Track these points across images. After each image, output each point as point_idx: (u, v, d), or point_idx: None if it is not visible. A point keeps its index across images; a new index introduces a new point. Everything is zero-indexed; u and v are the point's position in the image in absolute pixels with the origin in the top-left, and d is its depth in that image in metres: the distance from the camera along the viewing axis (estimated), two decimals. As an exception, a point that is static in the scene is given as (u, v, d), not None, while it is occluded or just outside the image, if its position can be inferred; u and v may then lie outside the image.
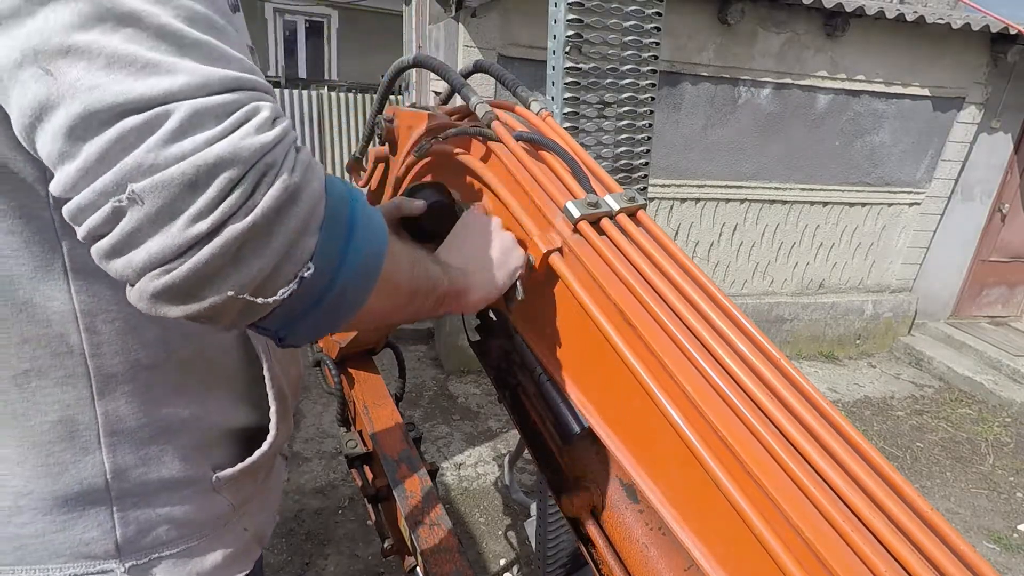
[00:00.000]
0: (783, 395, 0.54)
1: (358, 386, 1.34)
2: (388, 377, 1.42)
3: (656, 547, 0.64)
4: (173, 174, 0.33)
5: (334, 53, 10.78)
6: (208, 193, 0.34)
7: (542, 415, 0.80)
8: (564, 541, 1.87)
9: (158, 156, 0.33)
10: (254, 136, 0.35)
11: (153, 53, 0.34)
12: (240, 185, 0.35)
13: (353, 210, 0.43)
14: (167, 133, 0.33)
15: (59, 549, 0.52)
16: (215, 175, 0.34)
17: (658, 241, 0.66)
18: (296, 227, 0.38)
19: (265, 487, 0.69)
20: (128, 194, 0.33)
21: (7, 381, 0.48)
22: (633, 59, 1.38)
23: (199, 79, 0.34)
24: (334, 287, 0.42)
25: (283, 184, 0.37)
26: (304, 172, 0.39)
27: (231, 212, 0.35)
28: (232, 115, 0.35)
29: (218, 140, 0.34)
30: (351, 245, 0.42)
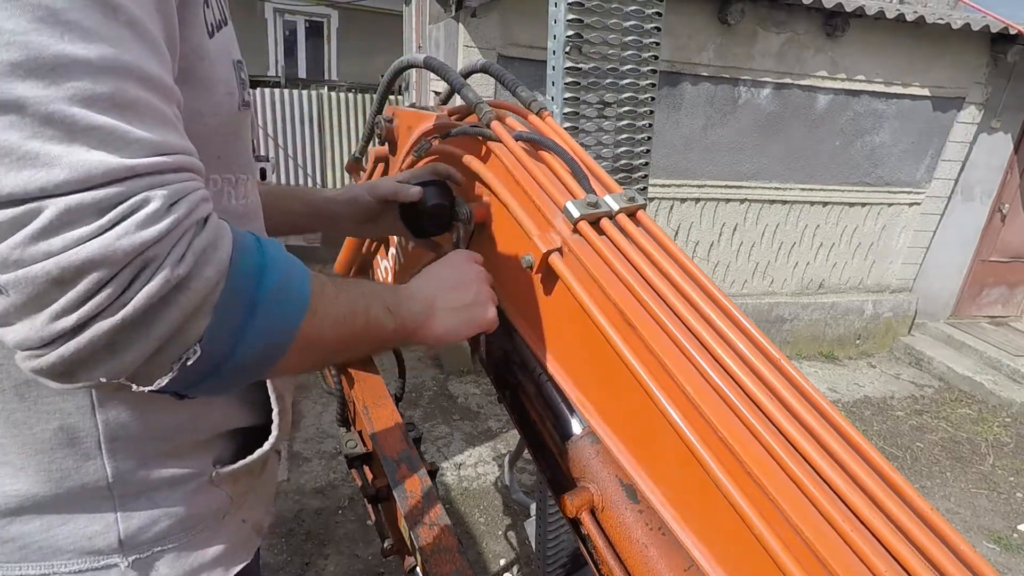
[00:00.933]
0: (783, 395, 0.54)
1: (358, 386, 1.34)
2: (388, 377, 1.42)
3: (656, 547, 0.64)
4: (37, 272, 0.32)
5: (334, 53, 10.77)
6: (73, 292, 0.33)
7: (542, 415, 0.80)
8: (564, 541, 1.87)
9: (23, 253, 0.32)
10: (133, 234, 0.34)
11: (34, 142, 0.32)
12: (110, 285, 0.34)
13: (260, 286, 0.42)
14: (35, 231, 0.32)
15: (63, 546, 0.53)
16: (82, 275, 0.33)
17: (658, 241, 0.66)
18: (179, 316, 0.37)
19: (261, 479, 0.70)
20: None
21: (9, 391, 0.48)
22: (633, 59, 1.38)
23: (80, 172, 0.33)
24: (229, 362, 0.41)
25: (163, 279, 0.36)
26: (196, 260, 0.37)
27: (98, 310, 0.34)
28: (113, 210, 0.34)
29: (92, 238, 0.33)
30: (252, 325, 0.41)
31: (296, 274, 0.45)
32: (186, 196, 0.38)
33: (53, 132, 0.32)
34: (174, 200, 0.37)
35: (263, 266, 0.42)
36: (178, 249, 0.37)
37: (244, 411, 0.63)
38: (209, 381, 0.42)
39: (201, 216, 0.39)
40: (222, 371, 0.41)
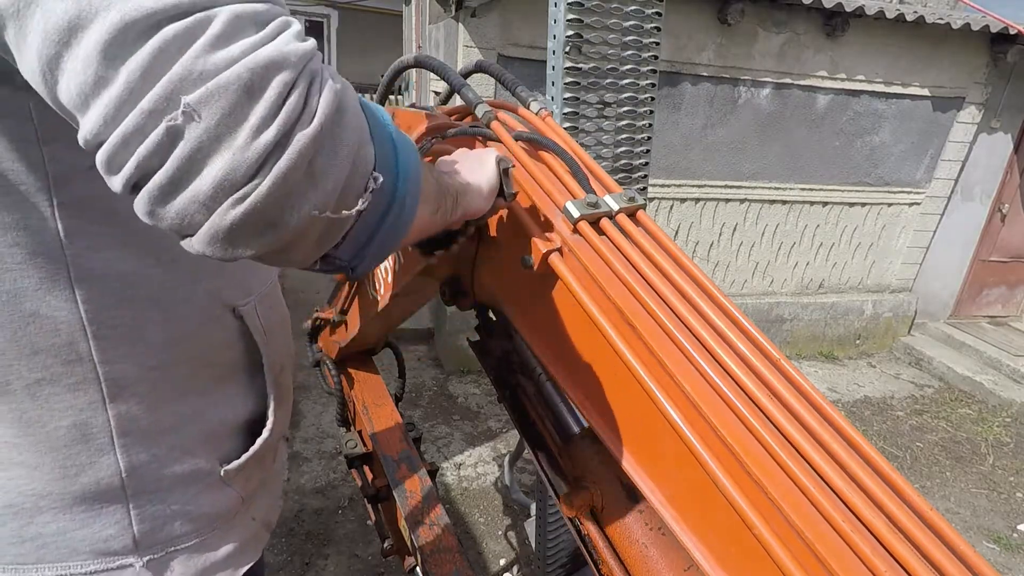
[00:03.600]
0: (783, 395, 0.54)
1: (358, 386, 1.34)
2: (388, 377, 1.42)
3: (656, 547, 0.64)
4: (229, 78, 0.30)
5: (334, 53, 10.77)
6: (267, 97, 0.32)
7: (542, 415, 0.80)
8: (564, 541, 1.87)
9: (207, 62, 0.30)
10: (295, 43, 0.34)
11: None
12: (295, 90, 0.33)
13: (388, 120, 0.42)
14: (212, 38, 0.31)
15: (79, 547, 0.53)
16: (270, 78, 0.32)
17: (658, 241, 0.66)
18: (354, 136, 0.36)
19: (273, 472, 0.72)
20: (183, 108, 0.30)
21: (21, 391, 0.48)
22: (633, 59, 1.38)
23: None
24: (395, 197, 0.41)
25: (331, 91, 0.35)
26: (342, 82, 0.37)
27: (294, 118, 0.33)
28: (270, 24, 0.34)
29: (263, 45, 0.32)
30: (399, 153, 0.41)
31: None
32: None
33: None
34: (303, 30, 0.36)
35: (377, 108, 0.43)
36: (326, 69, 0.36)
37: (247, 401, 0.64)
38: (378, 234, 0.41)
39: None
40: (395, 204, 0.41)
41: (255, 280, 0.64)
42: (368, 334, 1.28)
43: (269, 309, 0.67)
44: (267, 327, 0.65)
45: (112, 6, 0.29)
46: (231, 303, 0.60)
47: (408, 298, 1.04)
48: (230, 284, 0.60)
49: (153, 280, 0.52)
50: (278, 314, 0.70)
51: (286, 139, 0.32)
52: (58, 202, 0.45)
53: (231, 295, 0.60)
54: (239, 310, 0.61)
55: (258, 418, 0.66)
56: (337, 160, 0.35)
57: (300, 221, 0.34)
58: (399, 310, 1.14)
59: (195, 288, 0.56)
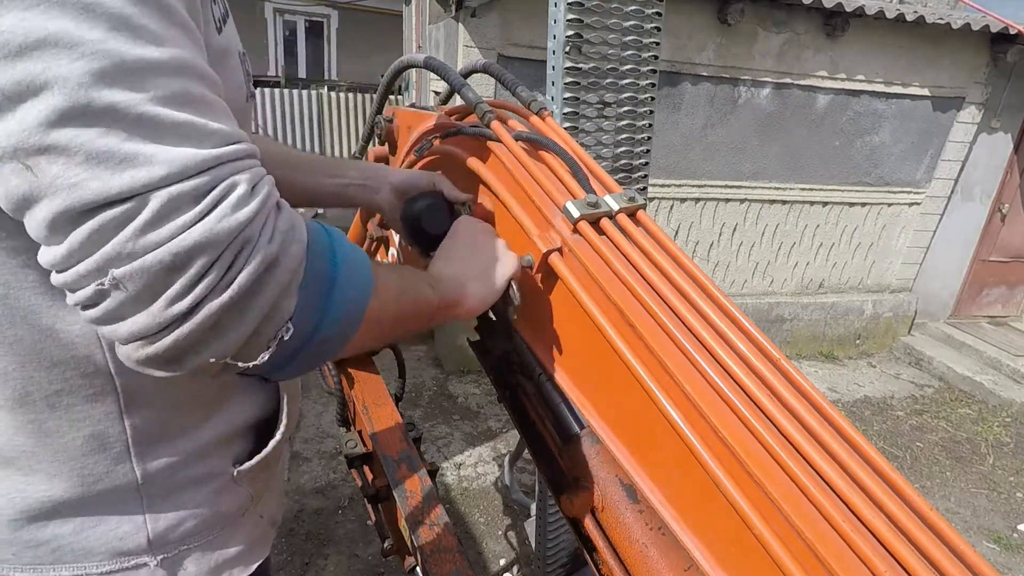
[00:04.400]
0: (783, 395, 0.53)
1: (358, 386, 1.34)
2: (388, 377, 1.42)
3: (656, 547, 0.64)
4: (151, 261, 0.34)
5: (334, 53, 10.77)
6: (186, 276, 0.35)
7: (542, 415, 0.80)
8: (564, 541, 1.87)
9: (136, 244, 0.34)
10: (230, 216, 0.36)
11: (130, 144, 0.34)
12: (216, 267, 0.36)
13: (334, 264, 0.44)
14: (144, 223, 0.34)
15: (94, 548, 0.54)
16: (193, 259, 0.35)
17: (658, 241, 0.66)
18: (274, 294, 0.39)
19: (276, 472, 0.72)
20: (110, 279, 0.34)
21: (40, 403, 0.49)
22: (633, 59, 1.38)
23: (177, 166, 0.35)
24: (315, 338, 0.43)
25: (260, 258, 0.38)
26: (283, 239, 0.39)
27: (208, 291, 0.36)
28: (208, 195, 0.36)
29: (194, 223, 0.35)
30: (332, 299, 0.44)
31: (358, 254, 0.48)
32: (262, 179, 0.40)
33: (145, 132, 0.34)
34: (255, 183, 0.39)
35: (333, 246, 0.45)
36: (267, 229, 0.39)
37: (258, 404, 0.65)
38: (297, 359, 0.44)
39: (276, 198, 0.41)
40: (308, 347, 0.43)
41: None
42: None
43: None
44: None
45: (57, 193, 0.33)
46: None
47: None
48: None
49: None
50: None
51: (195, 309, 0.36)
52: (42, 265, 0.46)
53: None
54: None
55: (269, 418, 0.67)
56: (244, 321, 0.38)
57: (201, 363, 0.39)
58: (399, 310, 1.14)
59: None
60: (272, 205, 0.40)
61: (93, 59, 0.32)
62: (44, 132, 0.32)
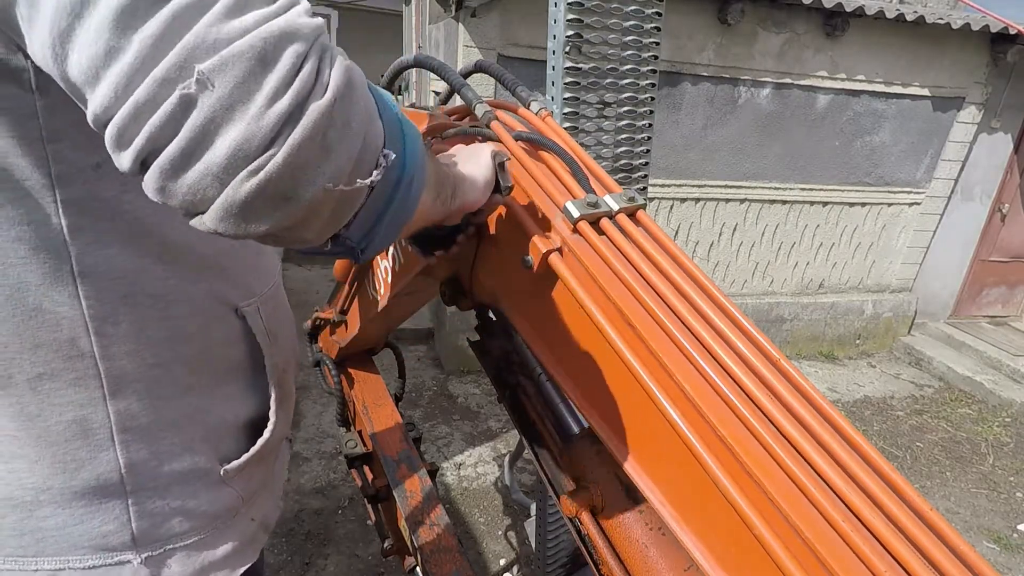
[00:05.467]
0: (783, 395, 0.54)
1: (358, 386, 1.34)
2: (388, 377, 1.42)
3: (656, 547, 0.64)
4: (243, 47, 0.30)
5: (334, 53, 10.78)
6: (280, 66, 0.31)
7: (542, 415, 0.80)
8: (564, 541, 1.87)
9: (220, 31, 0.30)
10: (305, 17, 0.34)
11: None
12: (308, 60, 0.33)
13: (392, 103, 0.43)
14: (225, 8, 0.31)
15: (78, 541, 0.54)
16: (283, 48, 0.32)
17: (658, 241, 0.66)
18: (364, 111, 0.36)
19: (274, 472, 0.72)
20: (196, 76, 0.29)
21: (22, 385, 0.49)
22: (633, 59, 1.38)
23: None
24: (404, 175, 0.41)
25: (342, 64, 0.35)
26: (350, 61, 0.37)
27: (308, 89, 0.32)
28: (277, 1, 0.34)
29: (276, 16, 0.32)
30: (406, 134, 0.42)
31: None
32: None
33: None
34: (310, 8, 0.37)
35: (379, 89, 0.43)
36: (334, 47, 0.36)
37: (248, 401, 0.65)
38: (385, 216, 0.41)
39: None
40: (397, 194, 0.41)
41: (256, 281, 0.64)
42: (368, 334, 1.28)
43: (273, 311, 0.67)
44: (270, 329, 0.65)
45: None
46: (233, 303, 0.60)
47: (408, 298, 1.04)
48: (231, 284, 0.60)
49: (155, 278, 0.52)
50: (283, 316, 0.70)
51: (300, 110, 0.32)
52: (61, 199, 0.45)
53: (233, 295, 0.60)
54: (241, 310, 0.61)
55: (260, 418, 0.67)
56: (350, 133, 0.35)
57: (314, 194, 0.34)
58: (399, 310, 1.14)
59: (196, 288, 0.56)
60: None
61: None
62: None
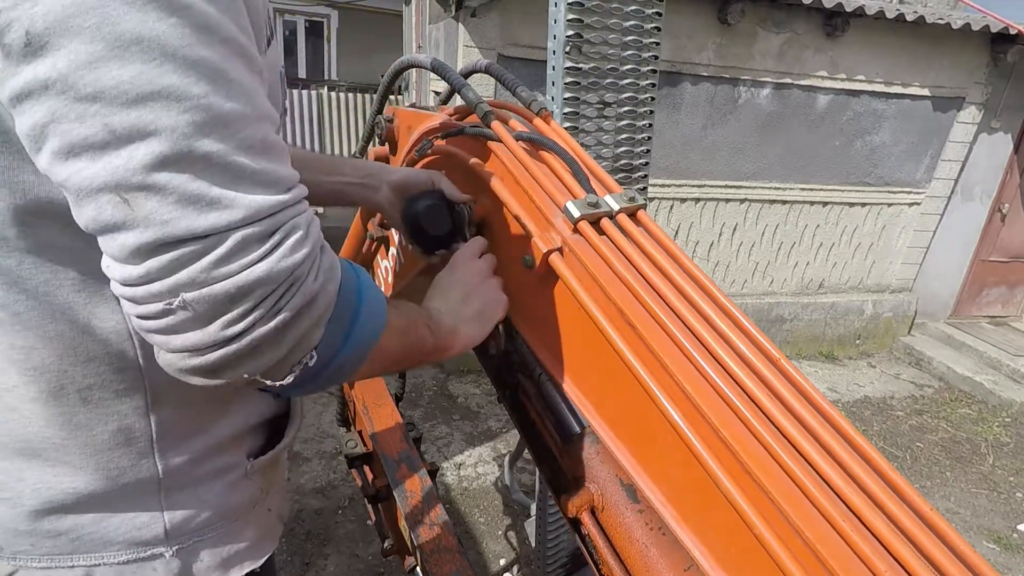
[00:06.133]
0: (783, 395, 0.54)
1: (358, 386, 1.34)
2: (388, 377, 1.42)
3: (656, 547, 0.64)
4: (219, 290, 0.39)
5: (334, 53, 10.76)
6: (244, 306, 0.40)
7: (542, 415, 0.80)
8: (564, 541, 1.87)
9: (208, 275, 0.38)
10: (288, 257, 0.41)
11: (216, 189, 0.38)
12: (269, 299, 0.41)
13: (359, 302, 0.49)
14: (218, 258, 0.38)
15: (112, 538, 0.56)
16: (252, 292, 0.40)
17: (658, 241, 0.66)
18: (308, 326, 0.44)
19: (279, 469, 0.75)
20: (179, 301, 0.39)
21: (73, 396, 0.52)
22: (633, 59, 1.38)
23: (252, 210, 0.39)
24: (330, 367, 0.48)
25: (304, 294, 0.42)
26: (324, 279, 0.44)
27: (258, 320, 0.41)
28: (272, 237, 0.40)
29: (259, 262, 0.40)
30: (352, 334, 0.48)
31: (378, 294, 0.53)
32: (313, 222, 0.44)
33: (230, 179, 0.39)
34: (308, 226, 0.43)
35: (359, 286, 0.50)
36: (314, 269, 0.43)
37: (269, 401, 0.69)
38: (312, 382, 0.48)
39: (322, 239, 0.46)
40: (325, 373, 0.48)
41: None
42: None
43: None
44: None
45: (150, 227, 0.37)
46: None
47: (408, 298, 1.04)
48: None
49: None
50: None
51: (244, 334, 0.41)
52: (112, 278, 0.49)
53: None
54: None
55: (281, 414, 0.70)
56: (280, 347, 0.43)
57: (232, 377, 0.43)
58: (399, 310, 1.14)
59: None
60: (319, 246, 0.44)
61: (196, 112, 0.36)
62: (146, 173, 0.36)
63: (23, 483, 0.53)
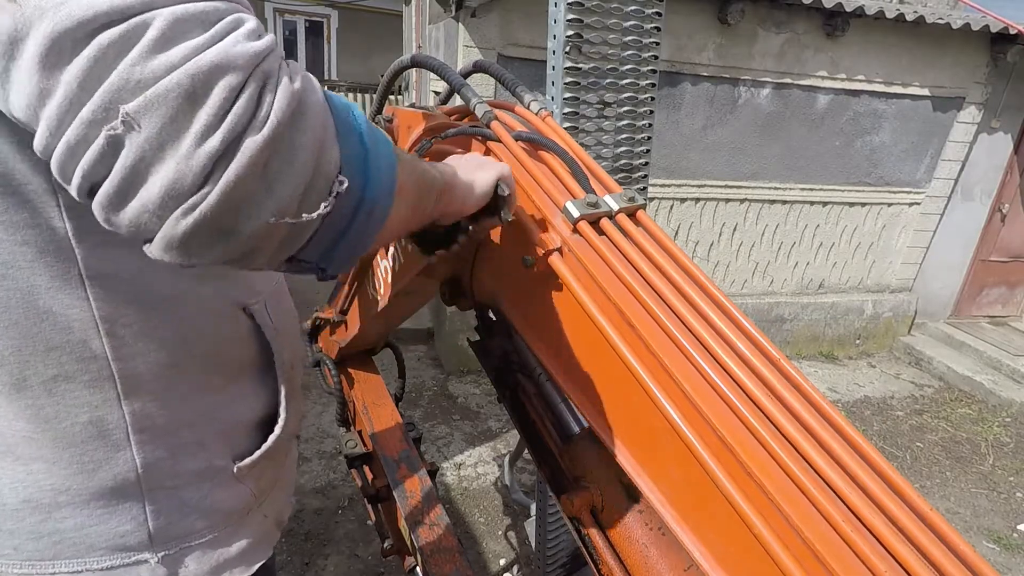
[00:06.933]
0: (783, 395, 0.54)
1: (358, 386, 1.34)
2: (388, 377, 1.42)
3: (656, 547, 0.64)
4: (168, 85, 0.30)
5: (334, 53, 10.77)
6: (210, 103, 0.31)
7: (542, 415, 0.80)
8: (564, 541, 1.87)
9: (145, 69, 0.29)
10: (244, 43, 0.32)
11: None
12: (243, 93, 0.32)
13: (355, 116, 0.41)
14: (150, 43, 0.30)
15: (96, 542, 0.54)
16: (213, 82, 0.31)
17: (658, 241, 0.66)
18: (314, 138, 0.35)
19: (285, 468, 0.72)
20: (121, 117, 0.29)
21: (37, 387, 0.49)
22: (633, 59, 1.38)
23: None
24: (364, 199, 0.39)
25: (287, 93, 0.34)
26: (303, 81, 0.36)
27: (242, 124, 0.32)
28: (217, 24, 0.32)
29: (208, 47, 0.31)
30: (369, 152, 0.40)
31: (368, 121, 0.44)
32: (264, 31, 0.36)
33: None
34: (259, 29, 0.35)
35: (348, 105, 0.41)
36: (284, 69, 0.35)
37: (259, 398, 0.66)
38: (347, 236, 0.40)
39: (283, 53, 0.37)
40: (361, 211, 0.40)
41: (260, 280, 0.64)
42: (368, 334, 1.28)
43: (278, 308, 0.68)
44: (277, 326, 0.66)
45: (44, 16, 0.29)
46: (241, 302, 0.61)
47: (408, 298, 1.04)
48: (236, 284, 0.60)
49: (161, 280, 0.52)
50: (288, 313, 0.71)
51: (234, 146, 0.31)
52: (64, 204, 0.45)
53: (239, 295, 0.61)
54: (250, 309, 0.61)
55: (270, 416, 0.67)
56: (294, 166, 0.34)
57: (257, 228, 0.34)
58: (399, 310, 1.14)
59: (204, 288, 0.56)
60: (281, 54, 0.36)
61: None
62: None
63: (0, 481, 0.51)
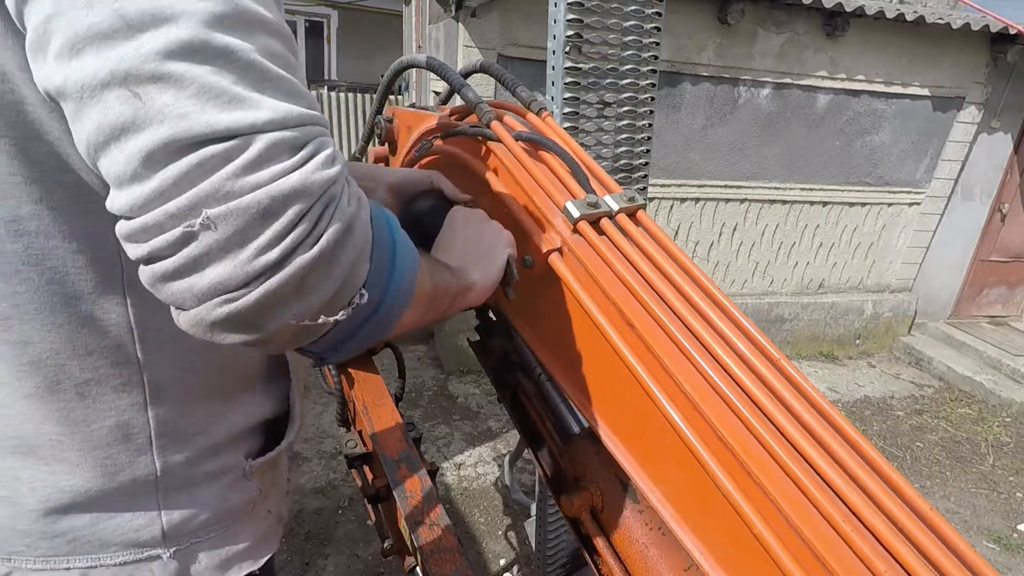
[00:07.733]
0: (783, 395, 0.54)
1: (358, 386, 1.34)
2: (388, 377, 1.42)
3: (656, 547, 0.64)
4: (249, 202, 0.33)
5: (334, 53, 10.76)
6: (279, 223, 0.34)
7: (542, 415, 0.80)
8: (564, 541, 1.87)
9: (236, 184, 0.33)
10: (322, 170, 0.36)
11: (239, 87, 0.34)
12: (307, 218, 0.36)
13: (393, 234, 0.45)
14: (245, 163, 0.34)
15: (110, 539, 0.55)
16: (289, 205, 0.35)
17: (658, 241, 0.66)
18: (353, 257, 0.39)
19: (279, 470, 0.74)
20: (202, 219, 0.33)
21: (70, 390, 0.51)
22: (633, 59, 1.38)
23: (279, 114, 0.35)
24: (380, 309, 0.43)
25: (343, 216, 0.38)
26: (357, 204, 0.40)
27: (298, 243, 0.35)
28: (303, 149, 0.36)
29: (291, 172, 0.35)
30: (395, 268, 0.44)
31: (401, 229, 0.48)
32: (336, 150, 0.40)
33: (252, 79, 0.35)
34: (335, 151, 0.39)
35: (388, 219, 0.46)
36: (346, 192, 0.39)
37: (269, 402, 0.68)
38: (359, 333, 0.44)
39: (347, 169, 0.41)
40: (374, 317, 0.43)
41: None
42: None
43: None
44: None
45: (165, 122, 0.32)
46: None
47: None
48: None
49: None
50: None
51: (284, 261, 0.35)
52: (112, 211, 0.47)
53: None
54: None
55: (280, 415, 0.70)
56: (329, 280, 0.38)
57: (279, 326, 0.38)
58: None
59: None
60: (347, 173, 0.40)
61: (217, 3, 0.33)
62: (161, 60, 0.32)
63: (19, 482, 0.52)
